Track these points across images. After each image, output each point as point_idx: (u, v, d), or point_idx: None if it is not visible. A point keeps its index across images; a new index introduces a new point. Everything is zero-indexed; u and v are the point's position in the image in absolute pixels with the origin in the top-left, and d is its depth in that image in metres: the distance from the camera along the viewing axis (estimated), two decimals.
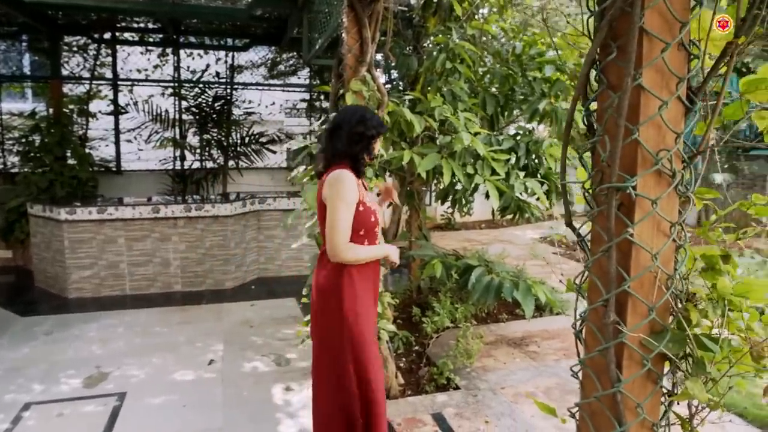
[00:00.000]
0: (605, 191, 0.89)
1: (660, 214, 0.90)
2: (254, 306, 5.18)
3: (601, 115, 0.94)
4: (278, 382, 3.55)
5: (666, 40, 0.85)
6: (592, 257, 0.96)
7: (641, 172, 0.88)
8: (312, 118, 8.99)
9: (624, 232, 0.89)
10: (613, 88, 0.91)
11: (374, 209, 2.27)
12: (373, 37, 3.05)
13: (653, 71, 0.87)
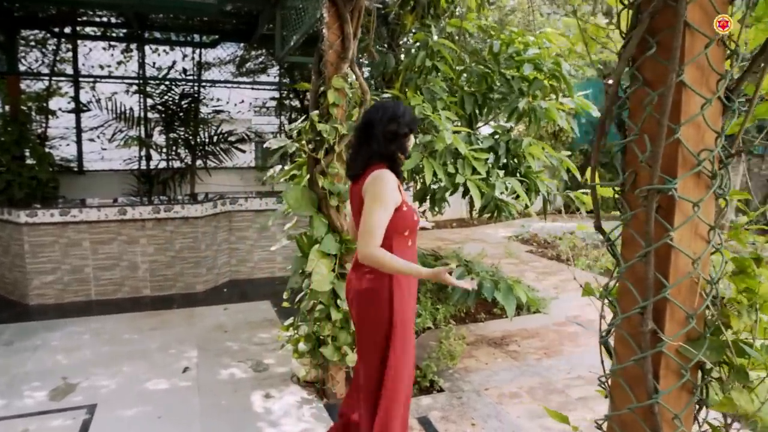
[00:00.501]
0: (645, 193, 0.84)
1: (700, 218, 0.86)
2: (228, 310, 5.02)
3: (635, 114, 0.90)
4: (257, 389, 3.44)
5: (708, 35, 0.81)
6: (625, 262, 0.92)
7: (683, 174, 0.84)
8: (282, 117, 8.83)
9: (665, 236, 0.84)
10: (650, 85, 0.86)
11: (414, 209, 2.22)
12: (355, 33, 2.97)
13: (693, 68, 0.83)
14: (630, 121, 0.91)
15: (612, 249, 0.97)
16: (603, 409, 3.18)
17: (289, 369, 3.71)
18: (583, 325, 4.78)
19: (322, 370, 3.32)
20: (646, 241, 0.86)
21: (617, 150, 0.94)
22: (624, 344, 0.95)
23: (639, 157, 0.86)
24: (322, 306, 3.03)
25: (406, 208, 2.16)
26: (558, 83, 4.06)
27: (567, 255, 7.59)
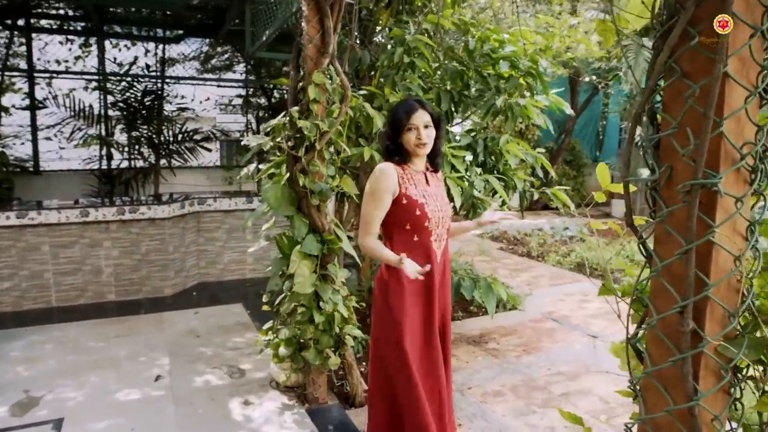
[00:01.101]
0: (687, 188, 0.81)
1: (741, 214, 0.83)
2: (198, 314, 4.86)
3: (671, 106, 0.87)
4: (235, 395, 3.32)
5: (754, 25, 0.78)
6: (660, 260, 0.89)
7: (727, 168, 0.81)
8: (249, 115, 8.64)
9: (708, 233, 0.81)
10: (689, 76, 0.83)
11: (423, 202, 2.19)
12: (335, 27, 2.89)
13: (735, 59, 0.80)
14: (665, 114, 0.87)
15: (644, 246, 0.93)
16: (586, 404, 3.22)
17: (267, 374, 3.60)
18: (558, 320, 4.83)
19: (304, 375, 3.23)
20: (687, 238, 0.82)
21: (650, 145, 0.90)
22: (658, 345, 0.92)
23: (680, 152, 0.83)
24: (304, 309, 2.94)
25: (407, 201, 2.17)
26: (534, 81, 4.08)
27: (538, 252, 7.69)
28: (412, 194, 2.19)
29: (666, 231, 0.89)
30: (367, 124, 3.56)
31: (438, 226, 2.25)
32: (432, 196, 2.26)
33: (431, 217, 2.20)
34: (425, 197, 2.22)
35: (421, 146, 2.19)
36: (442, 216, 2.26)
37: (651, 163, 0.91)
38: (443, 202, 2.31)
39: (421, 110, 2.20)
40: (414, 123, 2.17)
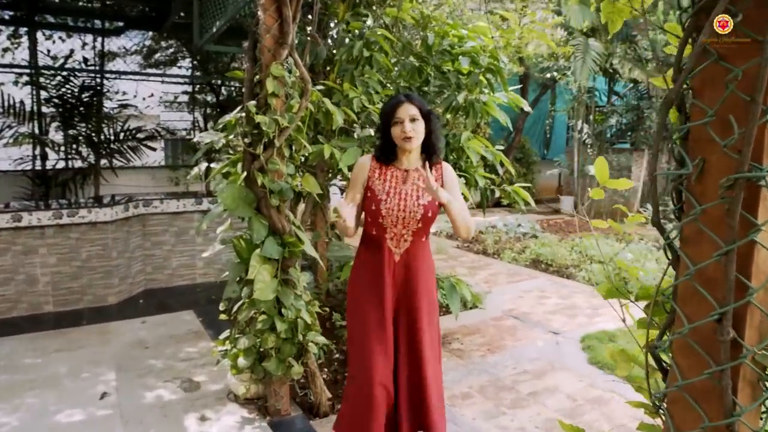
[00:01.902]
0: (730, 182, 0.72)
1: None
2: (146, 323, 4.55)
3: (704, 93, 0.78)
4: (190, 411, 3.09)
5: None
6: (692, 262, 0.80)
7: None
8: (196, 112, 8.27)
9: (752, 231, 0.73)
10: (725, 58, 0.74)
11: (381, 198, 2.20)
12: (294, 17, 2.72)
13: None
14: (698, 101, 0.79)
15: (671, 247, 0.84)
16: (554, 403, 3.19)
17: (224, 386, 3.39)
18: (519, 318, 4.84)
19: (265, 386, 3.05)
20: (728, 238, 0.74)
21: (679, 135, 0.82)
22: (688, 355, 0.83)
23: (720, 142, 0.74)
24: (264, 316, 2.76)
25: (369, 194, 2.24)
26: (494, 77, 4.04)
27: (493, 249, 7.74)
28: (376, 189, 2.24)
29: (697, 230, 0.80)
30: (327, 120, 3.41)
31: (396, 225, 2.20)
32: (399, 194, 2.21)
33: (385, 214, 2.19)
34: (388, 194, 2.21)
35: (407, 140, 2.15)
36: (404, 216, 2.19)
37: (679, 156, 0.82)
38: (413, 203, 2.20)
39: (407, 104, 2.17)
40: (399, 116, 2.15)
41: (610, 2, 0.97)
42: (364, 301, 2.27)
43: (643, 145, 10.10)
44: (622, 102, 10.59)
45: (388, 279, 2.23)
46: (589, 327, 4.58)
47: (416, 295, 2.29)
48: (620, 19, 0.99)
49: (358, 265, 2.35)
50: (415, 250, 2.26)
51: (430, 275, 2.34)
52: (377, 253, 2.26)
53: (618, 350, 1.32)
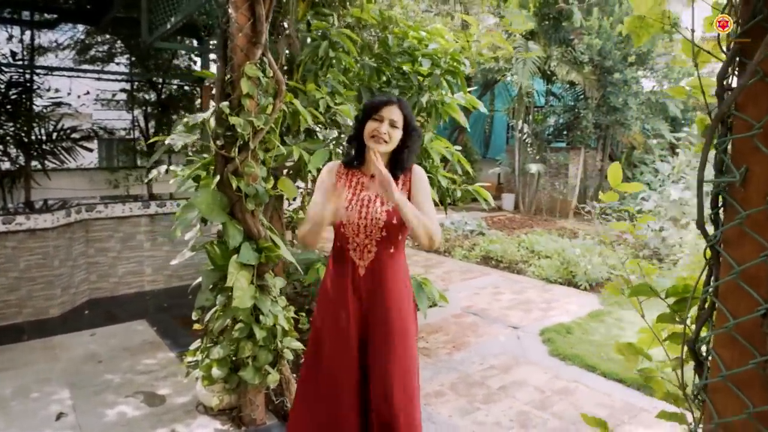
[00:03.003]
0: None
1: None
2: (96, 335, 4.30)
3: (748, 107, 0.84)
4: (158, 427, 2.95)
5: None
6: (736, 262, 0.86)
7: None
8: (135, 111, 7.88)
9: None
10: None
11: (346, 207, 2.01)
12: (267, 15, 2.66)
13: None
14: (742, 114, 0.85)
15: (714, 248, 0.90)
16: (524, 395, 3.30)
17: (191, 398, 3.27)
18: (478, 314, 4.96)
19: (239, 396, 2.96)
20: None
21: (722, 148, 0.88)
22: (731, 348, 0.89)
23: (766, 154, 0.80)
24: (241, 324, 2.68)
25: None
26: (454, 79, 4.12)
27: (444, 247, 7.88)
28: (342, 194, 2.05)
29: (740, 233, 0.87)
30: (294, 121, 3.35)
31: (357, 235, 2.02)
32: (361, 200, 2.04)
33: (346, 223, 2.01)
34: (350, 201, 2.04)
35: (376, 140, 1.99)
36: (366, 224, 2.00)
37: (721, 164, 0.88)
38: (375, 209, 2.01)
39: (395, 107, 2.02)
40: (381, 115, 2.01)
41: (639, 18, 1.03)
42: (328, 311, 2.11)
43: (579, 144, 10.62)
44: (560, 103, 11.07)
45: (350, 294, 2.04)
46: (545, 321, 4.77)
47: (385, 313, 2.04)
48: (647, 34, 1.05)
49: (325, 278, 2.18)
50: (383, 264, 2.03)
51: (402, 292, 2.09)
52: (341, 266, 2.08)
53: (625, 344, 1.39)
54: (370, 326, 2.06)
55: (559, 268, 6.30)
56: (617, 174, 1.26)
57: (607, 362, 3.81)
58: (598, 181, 11.09)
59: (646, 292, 1.16)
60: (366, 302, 2.06)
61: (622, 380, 3.54)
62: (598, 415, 3.08)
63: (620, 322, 4.74)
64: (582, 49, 9.46)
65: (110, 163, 8.28)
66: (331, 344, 2.09)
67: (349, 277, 2.05)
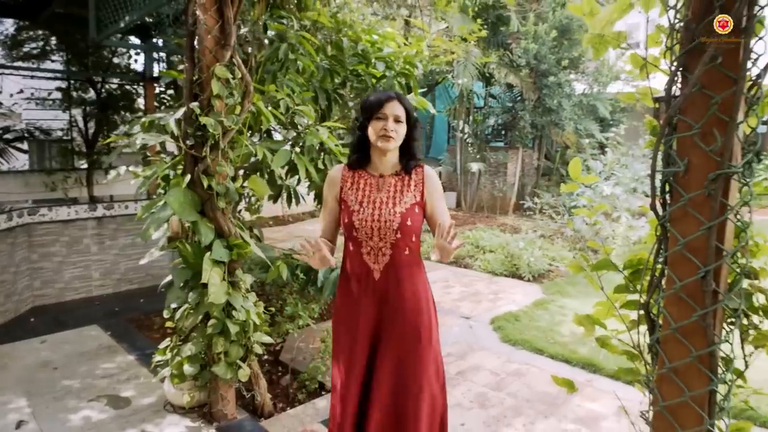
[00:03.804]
0: (714, 176, 1.00)
1: (751, 197, 1.05)
2: (46, 342, 4.17)
3: (689, 111, 1.05)
4: (127, 428, 2.95)
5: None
6: (682, 237, 1.07)
7: (742, 161, 1.01)
8: (72, 110, 7.57)
9: (728, 211, 1.02)
10: (706, 87, 1.02)
11: (354, 209, 2.00)
12: (235, 17, 2.73)
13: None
14: (685, 118, 1.06)
15: (664, 226, 1.11)
16: (480, 378, 3.54)
17: (157, 398, 3.27)
18: None
19: (210, 392, 3.01)
20: (711, 217, 1.02)
21: (668, 146, 1.09)
22: (678, 306, 1.10)
23: (705, 149, 1.01)
24: (215, 321, 2.74)
25: (343, 207, 2.06)
26: (407, 81, 4.31)
27: None
28: (349, 200, 2.04)
29: (683, 212, 1.08)
30: (256, 122, 3.42)
31: (371, 238, 1.98)
32: (373, 202, 2.01)
33: (359, 226, 1.98)
34: (361, 204, 2.01)
35: (385, 139, 1.96)
36: (380, 227, 1.97)
37: (668, 157, 1.09)
38: (389, 211, 1.98)
39: (396, 102, 1.99)
40: (384, 113, 1.97)
41: (599, 36, 1.23)
42: (342, 319, 2.11)
43: (517, 143, 11.14)
44: (498, 104, 11.56)
45: (365, 299, 2.01)
46: (494, 310, 5.05)
47: (401, 317, 2.00)
48: (604, 49, 1.25)
49: (340, 282, 2.13)
50: (398, 266, 1.99)
51: (420, 295, 2.04)
52: (355, 269, 2.03)
53: (584, 316, 1.59)
54: (384, 328, 2.03)
55: (504, 261, 6.65)
56: (577, 167, 1.46)
57: (553, 345, 4.12)
58: (535, 179, 11.67)
59: (607, 266, 1.37)
60: (382, 305, 2.01)
61: (567, 360, 3.85)
62: (548, 393, 3.35)
63: (563, 309, 5.09)
64: (519, 53, 9.95)
65: (44, 165, 7.90)
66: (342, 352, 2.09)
67: (364, 281, 2.01)
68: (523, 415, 3.12)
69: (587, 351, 4.02)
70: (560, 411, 3.17)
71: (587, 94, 10.71)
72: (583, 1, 1.38)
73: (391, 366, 2.00)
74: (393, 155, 2.05)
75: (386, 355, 2.00)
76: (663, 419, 1.14)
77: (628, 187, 7.73)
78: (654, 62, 1.25)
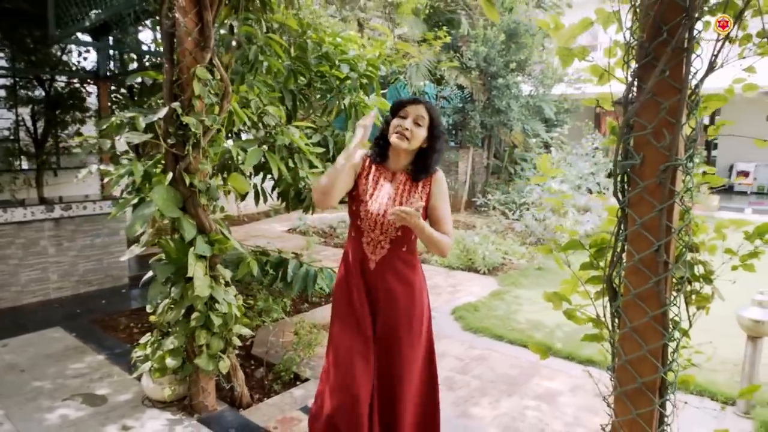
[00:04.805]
0: (665, 167, 1.23)
1: (693, 186, 1.29)
2: (8, 346, 4.07)
3: (642, 114, 1.29)
4: (108, 423, 2.98)
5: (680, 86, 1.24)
6: (639, 218, 1.30)
7: (686, 155, 1.25)
8: (17, 109, 7.30)
9: (676, 195, 1.25)
10: (657, 95, 1.25)
11: (363, 200, 2.09)
12: (214, 20, 2.83)
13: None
14: (639, 119, 1.29)
15: (624, 210, 1.34)
16: (447, 364, 3.82)
17: (133, 394, 3.31)
18: None
19: (191, 384, 3.08)
20: (663, 200, 1.25)
21: (626, 143, 1.31)
22: (637, 275, 1.33)
23: (656, 145, 1.25)
24: (198, 314, 2.82)
25: (354, 192, 2.14)
26: (370, 83, 4.49)
27: None
28: (361, 188, 2.13)
29: (639, 198, 1.31)
30: (229, 121, 3.51)
31: (373, 230, 2.09)
32: (381, 198, 2.10)
33: (363, 217, 2.09)
34: (370, 196, 2.10)
35: (399, 135, 2.04)
36: (383, 222, 2.07)
37: (626, 152, 1.32)
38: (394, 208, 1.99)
39: (421, 106, 2.08)
40: (406, 111, 2.06)
41: (567, 49, 1.46)
42: (342, 303, 2.20)
43: (468, 143, 11.53)
44: (449, 105, 11.91)
45: (360, 285, 2.13)
46: (454, 302, 5.31)
47: (393, 307, 2.13)
48: (571, 60, 1.48)
49: (339, 270, 2.27)
50: (392, 261, 2.11)
51: (414, 287, 2.16)
52: (354, 256, 2.16)
53: (552, 293, 1.81)
54: (378, 322, 2.14)
55: (460, 255, 6.94)
56: (546, 162, 1.69)
57: (512, 332, 4.40)
58: (484, 177, 12.11)
59: (575, 246, 1.59)
60: (374, 292, 2.13)
61: (525, 345, 4.13)
62: (509, 374, 3.60)
63: (518, 299, 5.41)
64: (469, 56, 10.32)
65: None
66: (342, 323, 2.18)
67: (359, 268, 2.13)
68: (488, 395, 3.36)
69: (542, 336, 4.33)
70: (521, 390, 3.43)
71: (533, 95, 11.22)
72: (549, 17, 1.60)
73: (382, 353, 2.14)
74: (406, 157, 2.14)
75: (378, 336, 2.14)
76: (626, 371, 1.37)
77: (574, 184, 8.22)
78: (611, 71, 1.49)
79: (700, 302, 1.41)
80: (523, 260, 6.98)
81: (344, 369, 2.12)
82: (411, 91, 11.18)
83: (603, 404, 1.43)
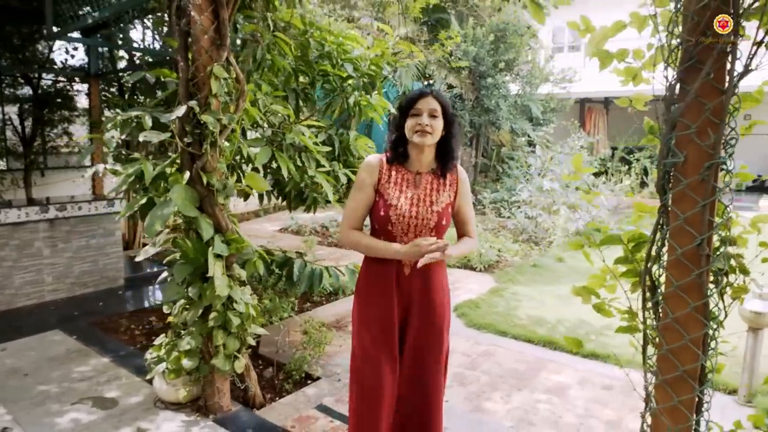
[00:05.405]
0: (709, 164, 1.29)
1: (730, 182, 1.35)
2: (7, 350, 4.01)
3: (686, 115, 1.34)
4: (122, 427, 2.96)
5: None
6: (682, 213, 1.36)
7: (726, 153, 1.32)
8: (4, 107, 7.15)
9: (718, 192, 1.31)
10: (701, 96, 1.31)
11: (392, 204, 2.04)
12: (230, 18, 2.83)
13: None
14: (683, 120, 1.34)
15: (666, 206, 1.40)
16: (455, 360, 3.90)
17: (144, 396, 3.29)
18: None
19: (207, 385, 3.07)
20: (706, 197, 1.31)
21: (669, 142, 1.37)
22: (679, 268, 1.39)
23: (700, 144, 1.30)
24: (216, 314, 2.82)
25: (378, 199, 2.08)
26: (373, 82, 4.51)
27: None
28: (386, 193, 2.07)
29: (682, 194, 1.37)
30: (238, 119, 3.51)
31: (407, 234, 2.04)
32: (410, 199, 2.06)
33: (395, 221, 2.03)
34: (400, 199, 2.05)
35: (420, 133, 2.00)
36: (417, 224, 2.04)
37: (669, 150, 1.37)
38: (427, 209, 2.05)
39: (430, 97, 2.04)
40: (418, 108, 2.02)
41: (606, 51, 1.51)
42: (370, 312, 2.12)
43: None
44: None
45: (395, 294, 2.06)
46: (454, 299, 5.36)
47: (427, 314, 2.10)
48: (610, 61, 1.53)
49: (365, 274, 2.16)
50: (432, 266, 2.06)
51: (445, 290, 2.17)
52: (384, 266, 2.06)
53: (581, 287, 1.86)
54: (410, 324, 2.10)
55: None
56: (580, 160, 1.74)
57: (515, 327, 4.48)
58: (473, 176, 12.21)
59: (613, 240, 1.64)
60: (408, 301, 2.08)
61: (530, 340, 4.21)
62: (517, 369, 3.67)
63: (516, 295, 5.50)
64: (459, 55, 10.40)
65: None
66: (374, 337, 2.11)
67: (394, 278, 2.05)
68: (499, 390, 3.42)
69: (545, 331, 4.41)
70: (531, 384, 3.50)
71: (521, 94, 11.35)
72: (580, 19, 1.66)
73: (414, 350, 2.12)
74: (430, 152, 2.10)
75: (409, 341, 2.11)
76: (667, 360, 1.43)
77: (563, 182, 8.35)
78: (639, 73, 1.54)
79: (737, 293, 1.47)
80: (517, 257, 7.07)
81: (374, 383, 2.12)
82: (401, 91, 11.23)
83: (611, 397, 1.49)
